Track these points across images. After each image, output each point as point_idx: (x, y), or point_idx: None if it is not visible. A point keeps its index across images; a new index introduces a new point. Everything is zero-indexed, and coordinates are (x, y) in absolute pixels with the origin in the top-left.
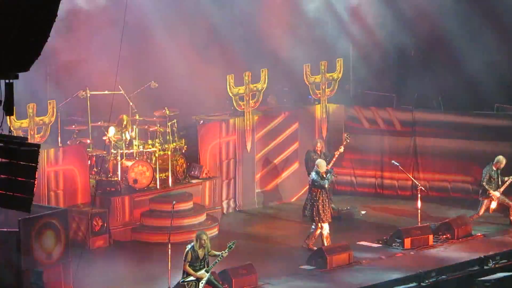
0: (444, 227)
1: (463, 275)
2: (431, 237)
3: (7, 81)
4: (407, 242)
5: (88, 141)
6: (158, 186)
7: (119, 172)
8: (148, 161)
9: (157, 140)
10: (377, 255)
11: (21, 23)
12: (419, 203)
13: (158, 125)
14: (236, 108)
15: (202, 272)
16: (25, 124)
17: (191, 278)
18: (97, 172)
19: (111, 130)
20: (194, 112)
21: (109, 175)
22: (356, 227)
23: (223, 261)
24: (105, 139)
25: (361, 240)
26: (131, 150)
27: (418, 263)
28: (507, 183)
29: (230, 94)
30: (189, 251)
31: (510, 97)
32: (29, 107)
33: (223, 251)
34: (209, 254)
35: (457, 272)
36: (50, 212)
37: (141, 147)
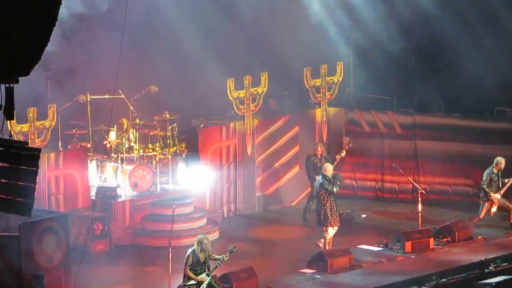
0: (445, 230)
1: (464, 278)
2: (432, 240)
3: (8, 86)
4: (408, 246)
5: (89, 145)
6: (159, 190)
7: (120, 176)
8: (149, 165)
9: (158, 144)
10: (378, 259)
11: (21, 28)
12: (420, 206)
13: (159, 129)
14: (237, 112)
15: (203, 276)
16: (26, 129)
17: (192, 282)
18: (98, 177)
19: (112, 134)
20: (195, 116)
21: (110, 179)
22: (357, 231)
23: (224, 265)
24: (106, 143)
25: (362, 244)
26: (132, 154)
27: (419, 267)
28: (508, 185)
29: (230, 98)
30: (190, 255)
31: (511, 101)
32: (30, 112)
33: (224, 255)
34: (210, 258)
35: (458, 275)
36: (51, 217)
37: (142, 151)
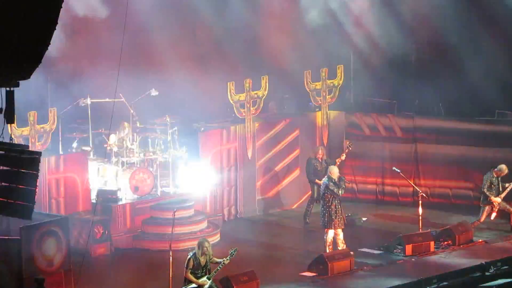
0: (446, 234)
1: (465, 282)
2: (432, 244)
3: (8, 89)
4: (408, 249)
5: (89, 149)
6: (159, 194)
7: (120, 180)
8: (149, 169)
9: (158, 148)
10: (378, 262)
11: (21, 31)
12: (420, 210)
13: (159, 133)
14: (237, 115)
15: (204, 280)
16: (26, 132)
17: (193, 285)
18: (99, 180)
19: (112, 138)
20: (195, 119)
21: (110, 183)
22: (357, 234)
23: (225, 268)
24: (106, 147)
25: (362, 247)
26: (132, 158)
27: (420, 270)
28: (508, 189)
29: (231, 101)
30: (191, 258)
31: (511, 104)
32: (30, 115)
33: (225, 259)
34: (211, 261)
35: (459, 279)
36: (52, 220)
37: (142, 155)
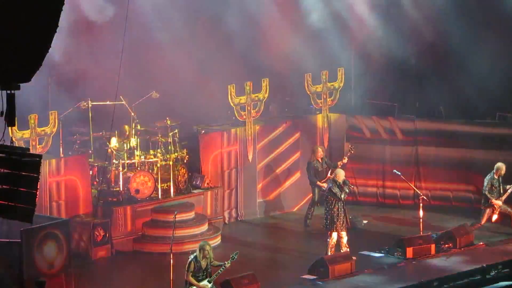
0: (446, 237)
1: (465, 285)
2: (433, 247)
3: (9, 92)
4: (409, 252)
5: (90, 152)
6: (160, 196)
7: (121, 182)
8: (150, 171)
9: (159, 150)
10: (379, 265)
11: (22, 34)
12: (421, 213)
13: (160, 135)
14: (238, 118)
15: (205, 283)
16: (27, 135)
17: None
18: (99, 183)
19: (113, 141)
20: (196, 122)
21: (111, 185)
22: (358, 237)
23: (225, 271)
24: (107, 149)
25: (363, 250)
26: (133, 160)
27: (420, 273)
28: (509, 192)
29: (232, 104)
30: (192, 261)
31: None
32: (31, 118)
33: (226, 262)
34: (212, 265)
35: (459, 282)
36: (52, 223)
37: (143, 157)
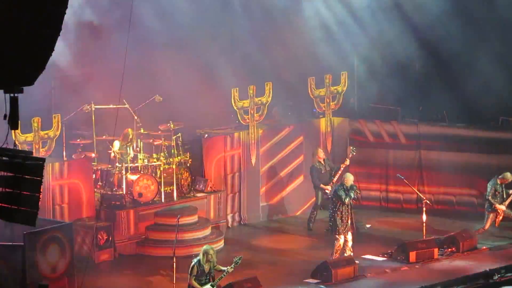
0: (449, 241)
1: None
2: (436, 251)
3: (12, 95)
4: (412, 256)
5: (93, 155)
6: (163, 200)
7: (124, 186)
8: (153, 175)
9: (162, 154)
10: (382, 269)
11: (25, 37)
12: (424, 217)
13: (163, 139)
14: (241, 122)
15: (208, 287)
16: (30, 138)
17: None
18: (102, 186)
19: (116, 144)
20: (199, 126)
21: (114, 189)
22: (361, 241)
23: (229, 275)
24: (110, 153)
25: (366, 254)
26: (136, 164)
27: (423, 277)
28: None
29: (235, 108)
30: (195, 265)
31: None
32: (34, 121)
33: (229, 267)
34: (215, 269)
35: (463, 286)
36: (55, 226)
37: (146, 161)
